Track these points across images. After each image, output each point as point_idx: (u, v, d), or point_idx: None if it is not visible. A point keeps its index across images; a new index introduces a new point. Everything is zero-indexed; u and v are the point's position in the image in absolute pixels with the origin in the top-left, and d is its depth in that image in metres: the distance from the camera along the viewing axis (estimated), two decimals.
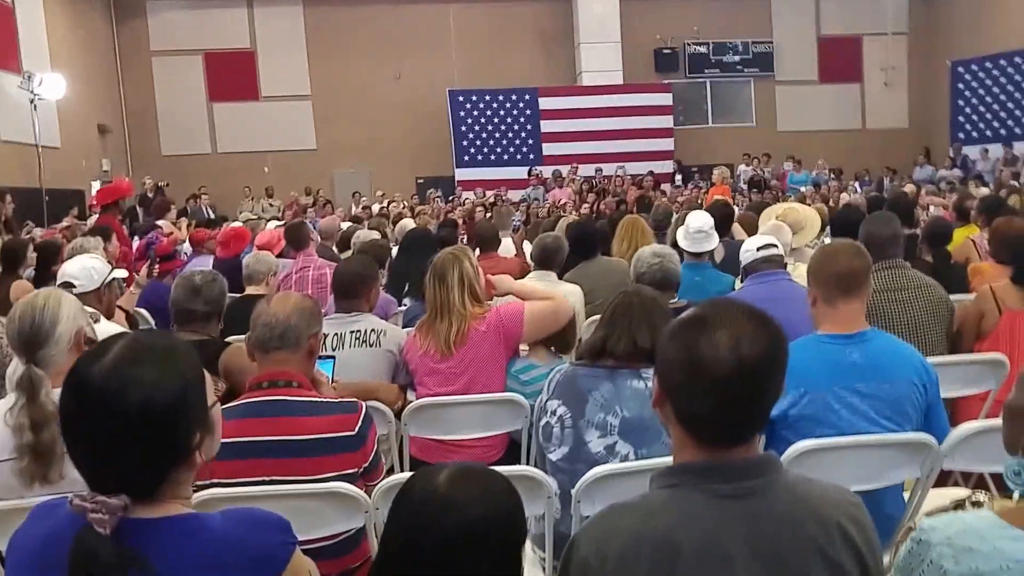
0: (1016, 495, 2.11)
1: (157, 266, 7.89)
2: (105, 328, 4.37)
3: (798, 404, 3.63)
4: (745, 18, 29.47)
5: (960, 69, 25.68)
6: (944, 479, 4.38)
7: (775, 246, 5.84)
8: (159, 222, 13.02)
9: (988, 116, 24.86)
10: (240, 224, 11.77)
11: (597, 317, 4.33)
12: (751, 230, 7.99)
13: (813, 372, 3.64)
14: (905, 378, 3.71)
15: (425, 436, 4.74)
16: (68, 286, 5.00)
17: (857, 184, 22.22)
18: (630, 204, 19.73)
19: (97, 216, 12.12)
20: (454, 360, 4.83)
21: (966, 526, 2.04)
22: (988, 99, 24.83)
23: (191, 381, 2.04)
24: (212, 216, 19.61)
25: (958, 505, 2.19)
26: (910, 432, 3.69)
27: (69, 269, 5.45)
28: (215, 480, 3.26)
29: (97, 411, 1.91)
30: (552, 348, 5.08)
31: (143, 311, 7.07)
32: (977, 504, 2.15)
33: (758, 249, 5.79)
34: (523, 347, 5.10)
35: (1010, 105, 24.30)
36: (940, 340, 5.28)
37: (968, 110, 25.37)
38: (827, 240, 8.00)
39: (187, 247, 10.35)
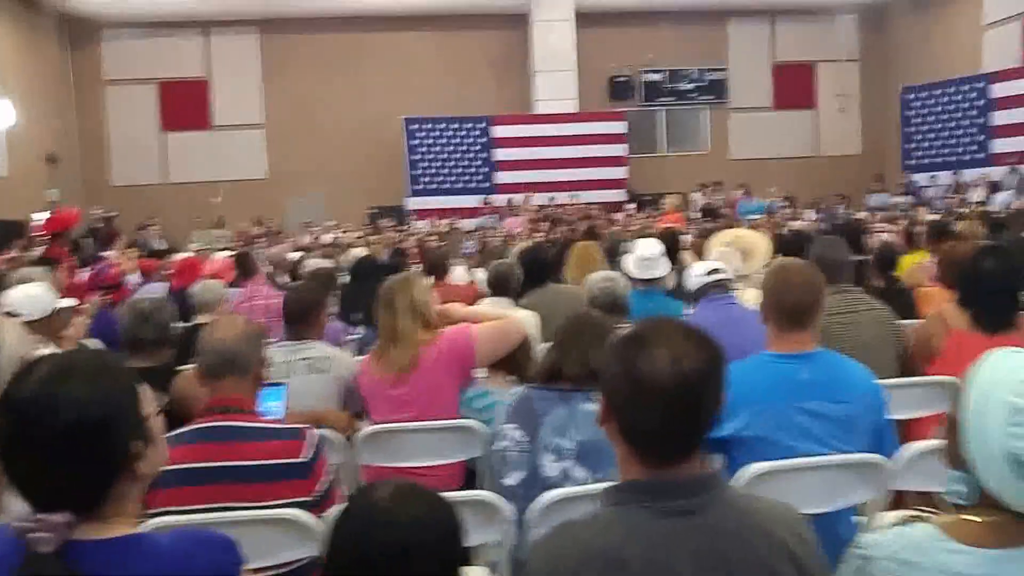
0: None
1: (111, 295, 7.83)
2: None
3: (750, 424, 3.64)
4: (699, 46, 29.58)
5: (910, 95, 25.99)
6: (899, 501, 4.42)
7: (722, 270, 5.92)
8: (107, 252, 12.93)
9: (937, 142, 25.16)
10: (192, 254, 11.72)
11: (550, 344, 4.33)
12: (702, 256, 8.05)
13: (763, 390, 3.67)
14: (855, 397, 3.74)
15: (379, 464, 4.70)
16: (9, 315, 4.95)
17: (812, 212, 22.39)
18: (582, 232, 19.75)
19: (44, 246, 11.99)
20: (407, 387, 4.81)
21: (908, 541, 2.09)
22: (937, 125, 25.14)
23: (122, 393, 2.05)
24: (161, 247, 19.52)
25: (903, 521, 2.21)
26: (861, 453, 3.71)
27: (11, 298, 5.40)
28: (165, 508, 3.24)
29: (29, 428, 1.92)
30: (511, 375, 5.05)
31: (95, 340, 7.00)
32: (921, 519, 2.17)
33: (706, 274, 5.88)
34: (481, 373, 5.08)
35: (958, 132, 24.60)
36: (891, 363, 5.36)
37: (918, 136, 25.67)
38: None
39: (136, 277, 10.25)
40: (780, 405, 3.66)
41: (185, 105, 27.35)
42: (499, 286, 6.93)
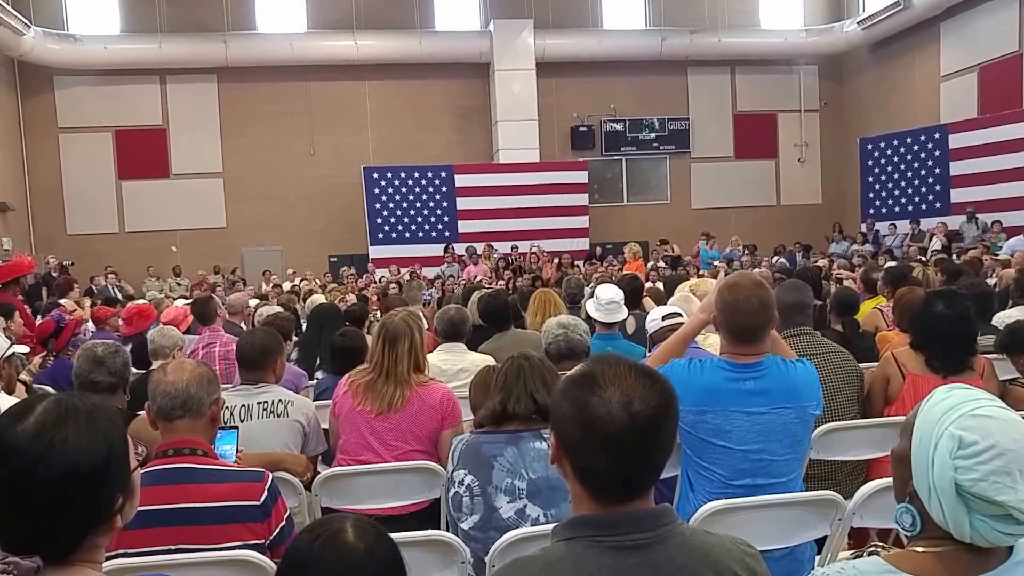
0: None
1: (53, 345, 7.77)
2: (5, 402, 4.30)
3: (694, 426, 3.83)
4: (661, 95, 30.03)
5: (869, 146, 26.31)
6: (863, 539, 4.44)
7: (680, 315, 5.96)
8: (62, 300, 12.85)
9: (896, 192, 25.42)
10: (145, 302, 11.65)
11: None
12: (660, 302, 8.10)
13: (703, 390, 3.84)
14: (795, 404, 3.88)
15: (339, 506, 4.68)
16: None
17: (780, 259, 22.54)
18: (545, 280, 19.82)
19: None
20: (391, 421, 4.91)
21: (856, 572, 2.13)
22: (895, 175, 25.41)
23: (116, 443, 2.00)
24: (119, 296, 19.41)
25: (857, 555, 2.23)
26: (820, 491, 3.82)
27: None
28: (121, 550, 3.22)
29: (19, 474, 1.87)
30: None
31: (46, 387, 6.93)
32: (874, 553, 2.19)
33: (663, 318, 5.94)
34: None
35: (916, 181, 24.87)
36: (852, 404, 5.42)
37: (877, 186, 25.93)
38: None
39: (91, 326, 10.18)
40: (722, 407, 3.83)
41: (142, 153, 27.33)
42: (450, 332, 6.94)
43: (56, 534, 1.91)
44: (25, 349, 6.38)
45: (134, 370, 5.52)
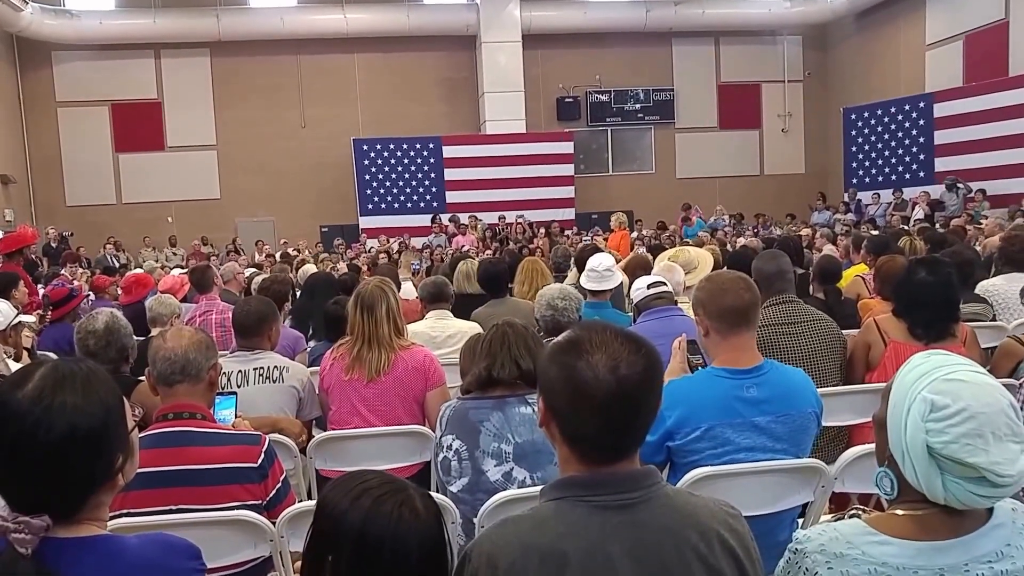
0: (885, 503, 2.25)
1: (50, 312, 7.89)
2: (13, 369, 4.37)
3: (700, 439, 3.67)
4: (646, 66, 29.97)
5: (852, 115, 26.34)
6: (844, 504, 4.49)
7: (664, 284, 6.02)
8: (62, 271, 12.90)
9: (879, 161, 25.38)
10: (141, 271, 11.70)
11: None
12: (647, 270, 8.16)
13: (711, 407, 3.69)
14: (800, 410, 3.76)
15: (333, 468, 4.78)
16: None
17: (769, 229, 22.48)
18: (532, 250, 19.79)
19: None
20: (379, 386, 5.02)
21: (837, 534, 2.18)
22: (879, 144, 25.36)
23: (112, 405, 2.06)
24: (116, 265, 19.48)
25: (838, 518, 2.31)
26: (803, 459, 3.78)
27: None
28: (124, 510, 3.30)
29: (21, 438, 1.93)
30: None
31: (49, 353, 6.97)
32: (855, 516, 2.27)
33: (648, 287, 5.97)
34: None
35: (900, 151, 24.83)
36: (834, 371, 5.47)
37: (860, 155, 25.90)
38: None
39: (91, 295, 10.23)
40: (728, 421, 3.68)
41: (138, 126, 27.41)
42: (435, 298, 7.03)
43: (61, 494, 1.97)
44: (31, 319, 6.44)
45: (134, 338, 5.57)
